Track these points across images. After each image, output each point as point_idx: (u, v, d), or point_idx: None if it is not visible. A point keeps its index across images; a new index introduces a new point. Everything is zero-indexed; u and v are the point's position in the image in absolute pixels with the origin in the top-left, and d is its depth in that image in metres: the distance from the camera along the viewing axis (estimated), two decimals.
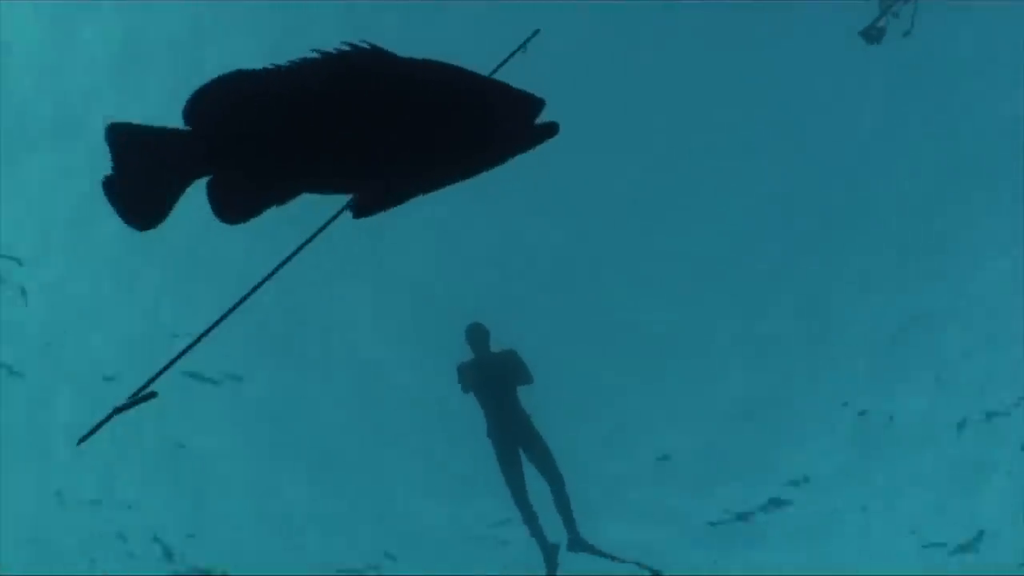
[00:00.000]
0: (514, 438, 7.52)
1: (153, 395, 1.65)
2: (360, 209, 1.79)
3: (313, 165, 1.78)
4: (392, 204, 1.79)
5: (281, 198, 1.79)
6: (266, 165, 1.77)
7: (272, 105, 1.72)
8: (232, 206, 1.77)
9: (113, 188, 1.73)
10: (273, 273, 1.88)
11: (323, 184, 1.81)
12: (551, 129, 1.77)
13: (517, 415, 7.62)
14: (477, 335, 7.88)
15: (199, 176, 1.76)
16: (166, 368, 1.71)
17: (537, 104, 1.76)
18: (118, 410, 1.65)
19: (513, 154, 1.78)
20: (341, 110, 1.73)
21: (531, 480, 7.46)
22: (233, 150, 1.75)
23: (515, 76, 1.95)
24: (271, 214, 1.81)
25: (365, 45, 1.69)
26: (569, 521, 7.15)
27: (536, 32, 2.53)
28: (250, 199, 1.78)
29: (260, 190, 1.78)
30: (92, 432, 1.68)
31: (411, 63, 1.73)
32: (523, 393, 7.75)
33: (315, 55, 1.68)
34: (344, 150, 1.76)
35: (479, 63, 1.96)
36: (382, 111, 1.73)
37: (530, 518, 7.33)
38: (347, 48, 1.68)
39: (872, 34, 8.19)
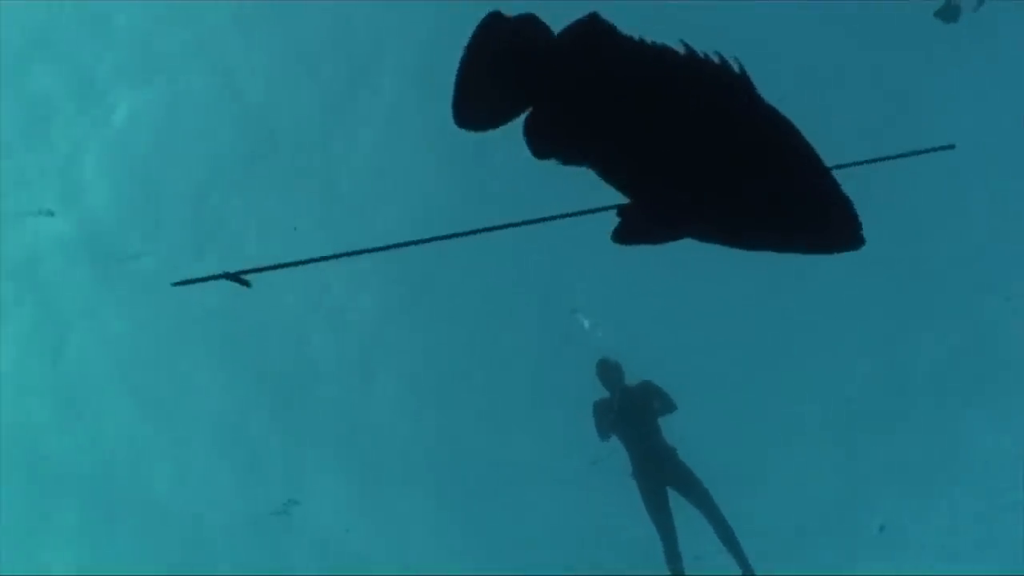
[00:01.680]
0: (663, 476, 7.02)
1: (247, 284, 1.68)
2: (626, 233, 1.70)
3: (632, 144, 1.71)
4: (659, 239, 1.71)
5: (580, 159, 1.73)
6: (589, 122, 1.72)
7: (626, 80, 1.68)
8: (540, 139, 1.71)
9: (463, 72, 1.71)
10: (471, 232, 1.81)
11: (623, 181, 1.73)
12: (856, 240, 1.66)
13: (663, 451, 7.13)
14: (610, 370, 7.48)
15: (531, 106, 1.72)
16: (277, 267, 1.73)
17: (857, 239, 1.67)
18: (224, 276, 1.67)
19: (804, 250, 1.71)
20: (682, 120, 1.68)
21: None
22: (570, 97, 1.70)
23: None
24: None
25: (736, 69, 1.63)
26: (740, 557, 6.54)
27: None
28: (557, 144, 1.72)
29: (571, 142, 1.72)
30: (192, 281, 1.71)
31: (767, 111, 1.65)
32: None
33: (689, 53, 1.63)
34: (664, 159, 1.70)
35: None
36: (714, 130, 1.67)
37: (674, 558, 6.79)
38: (719, 61, 1.63)
39: (948, 13, 7.78)
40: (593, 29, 1.69)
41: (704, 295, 10.78)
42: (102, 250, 10.96)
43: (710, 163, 1.68)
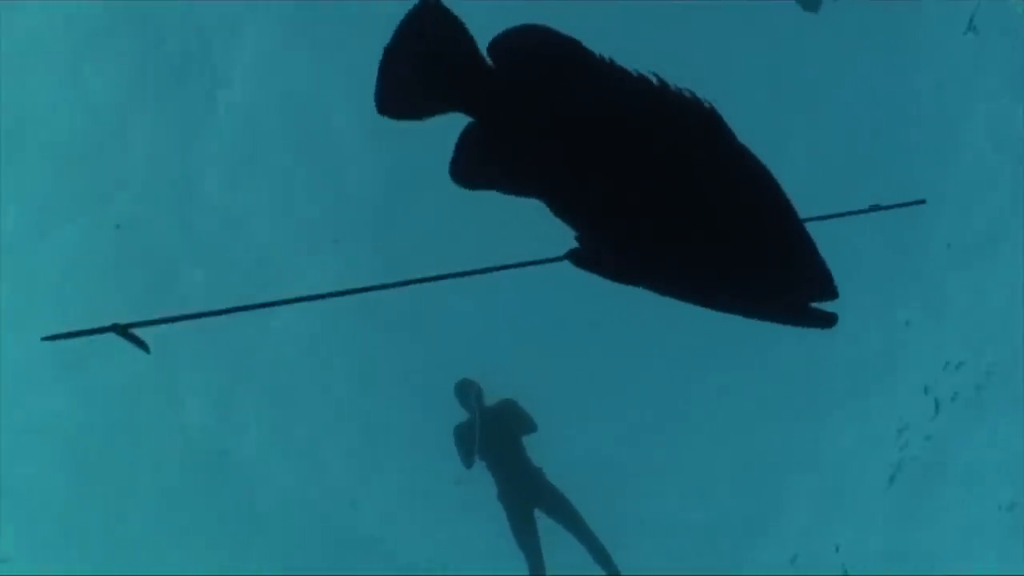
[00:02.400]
0: (529, 498, 6.85)
1: (146, 348, 1.45)
2: (583, 259, 1.54)
3: (580, 179, 1.52)
4: (617, 277, 1.55)
5: (520, 189, 1.55)
6: (532, 147, 1.53)
7: (576, 93, 1.50)
8: (470, 165, 1.54)
9: (388, 58, 1.51)
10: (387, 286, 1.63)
11: (571, 205, 1.55)
12: (828, 320, 1.54)
13: (529, 472, 6.97)
14: (468, 391, 7.23)
15: (463, 111, 1.54)
16: (172, 320, 1.51)
17: (830, 292, 1.53)
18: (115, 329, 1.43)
19: (769, 318, 1.57)
20: (637, 144, 1.50)
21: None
22: (512, 113, 1.52)
23: None
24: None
25: (704, 102, 1.49)
26: (606, 561, 6.50)
27: None
28: (492, 170, 1.54)
29: (508, 168, 1.54)
30: (68, 335, 1.44)
31: (739, 152, 1.50)
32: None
33: (641, 75, 1.48)
34: (617, 187, 1.51)
35: None
36: (676, 175, 1.51)
37: None
38: (684, 91, 1.48)
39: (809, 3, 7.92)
40: (550, 40, 1.50)
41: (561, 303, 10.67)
42: None
43: (670, 207, 1.51)
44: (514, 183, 1.55)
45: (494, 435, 7.00)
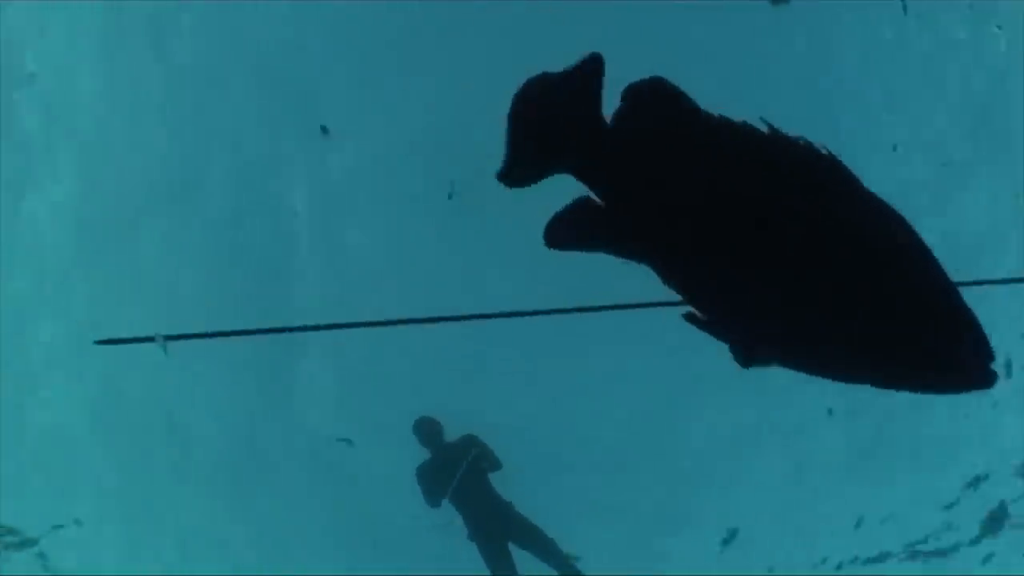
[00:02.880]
0: (502, 533, 6.60)
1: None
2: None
3: (706, 252, 1.39)
4: (751, 358, 1.41)
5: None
6: (650, 216, 1.41)
7: (698, 160, 1.37)
8: (574, 231, 1.44)
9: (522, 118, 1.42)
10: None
11: (693, 279, 1.42)
12: (987, 379, 1.36)
13: (498, 506, 6.71)
14: (428, 429, 6.98)
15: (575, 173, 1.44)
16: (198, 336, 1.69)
17: (988, 354, 1.37)
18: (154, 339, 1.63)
19: (925, 389, 1.42)
20: (765, 217, 1.35)
21: None
22: (630, 180, 1.41)
23: None
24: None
25: (824, 151, 1.36)
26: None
27: None
28: (599, 237, 1.44)
29: (617, 236, 1.43)
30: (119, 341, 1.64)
31: (874, 205, 1.37)
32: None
33: (786, 139, 1.35)
34: (752, 260, 1.36)
35: None
36: (814, 242, 1.35)
37: None
38: (823, 156, 1.35)
39: None
40: (657, 94, 1.39)
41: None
42: None
43: (803, 276, 1.35)
44: (623, 251, 1.44)
45: (456, 471, 6.76)
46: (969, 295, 1.42)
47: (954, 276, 1.40)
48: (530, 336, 9.86)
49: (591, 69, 1.40)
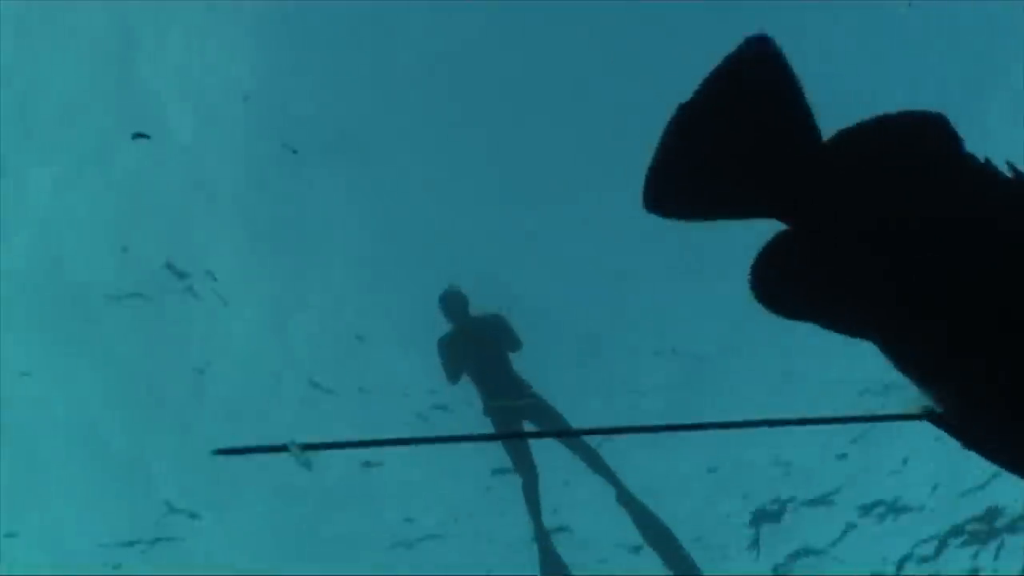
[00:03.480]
0: (517, 411, 6.52)
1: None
2: (944, 421, 1.09)
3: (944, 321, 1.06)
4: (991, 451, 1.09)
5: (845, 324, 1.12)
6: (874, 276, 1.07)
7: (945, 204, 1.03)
8: (778, 287, 1.10)
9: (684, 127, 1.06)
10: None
11: (925, 353, 1.09)
12: None
13: (516, 385, 6.62)
14: (454, 302, 6.85)
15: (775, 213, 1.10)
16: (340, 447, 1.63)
17: None
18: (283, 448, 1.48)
19: None
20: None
21: None
22: (851, 224, 1.06)
23: None
24: None
25: None
26: (611, 477, 6.15)
27: None
28: (808, 295, 1.11)
29: (833, 296, 1.10)
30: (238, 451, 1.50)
31: None
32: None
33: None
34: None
35: None
36: None
37: (532, 498, 6.32)
38: None
39: None
40: (930, 132, 1.02)
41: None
42: None
43: None
44: (839, 316, 1.12)
45: (479, 348, 6.67)
46: None
47: None
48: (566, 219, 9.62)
49: (767, 59, 1.03)
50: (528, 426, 6.57)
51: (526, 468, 6.41)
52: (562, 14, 9.15)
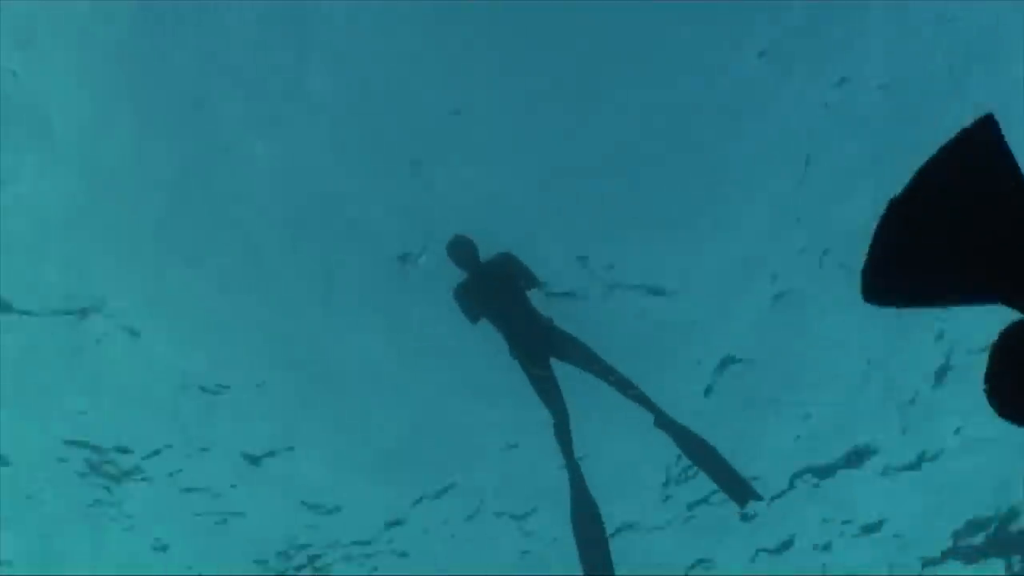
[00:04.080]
0: (543, 349, 6.41)
1: None
2: None
3: None
4: None
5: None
6: None
7: None
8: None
9: None
10: None
11: None
12: None
13: (537, 322, 6.49)
14: (462, 249, 6.69)
15: None
16: None
17: None
18: None
19: None
20: None
21: None
22: None
23: None
24: None
25: None
26: (645, 402, 6.09)
27: None
28: None
29: None
30: None
31: None
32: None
33: None
34: None
35: None
36: None
37: (564, 435, 6.30)
38: None
39: None
40: None
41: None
42: None
43: None
44: None
45: (494, 290, 6.54)
46: None
47: None
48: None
49: (994, 141, 0.95)
50: (558, 361, 6.47)
51: (556, 408, 6.34)
52: None
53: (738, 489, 5.78)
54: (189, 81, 8.65)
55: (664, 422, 5.97)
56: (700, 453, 5.88)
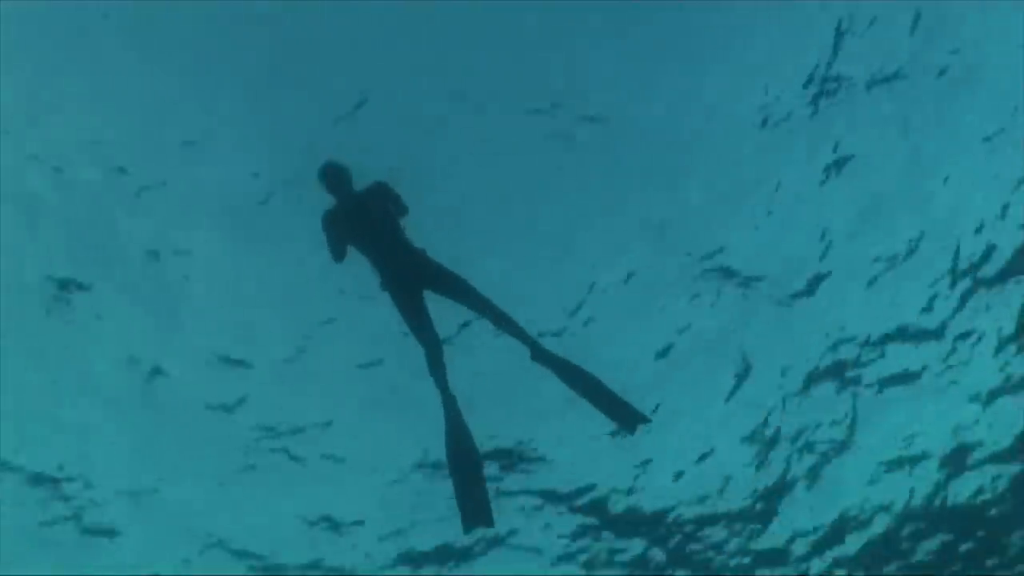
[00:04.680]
0: (415, 280, 6.25)
1: None
2: None
3: None
4: None
5: None
6: None
7: None
8: None
9: None
10: None
11: None
12: None
13: (410, 253, 6.32)
14: (335, 175, 6.39)
15: None
16: None
17: None
18: None
19: None
20: None
21: None
22: None
23: None
24: None
25: None
26: (521, 335, 6.04)
27: None
28: None
29: None
30: None
31: None
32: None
33: None
34: None
35: None
36: None
37: (437, 366, 6.19)
38: None
39: None
40: None
41: None
42: None
43: None
44: None
45: (366, 219, 6.30)
46: None
47: None
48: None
49: None
50: (431, 293, 6.33)
51: (428, 338, 6.22)
52: None
53: (624, 415, 5.84)
54: None
55: (541, 355, 5.96)
56: (582, 383, 5.89)
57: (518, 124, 10.25)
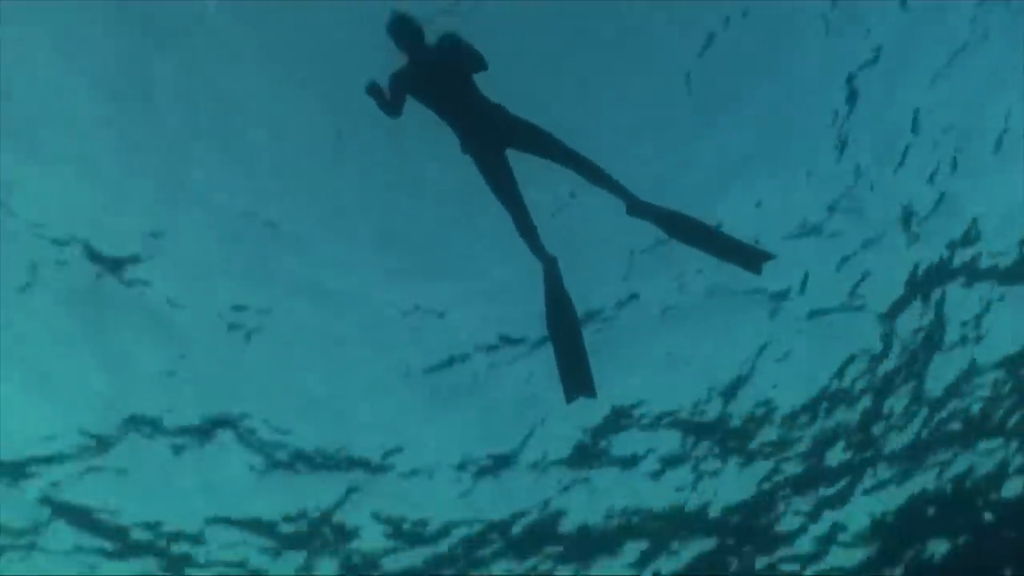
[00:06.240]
0: (497, 138, 5.72)
1: None
2: None
3: None
4: None
5: None
6: None
7: None
8: None
9: None
10: None
11: None
12: None
13: (488, 110, 5.76)
14: (406, 27, 5.78)
15: None
16: None
17: None
18: None
19: None
20: None
21: None
22: None
23: None
24: None
25: None
26: (617, 188, 5.52)
27: None
28: None
29: None
30: None
31: None
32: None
33: None
34: None
35: None
36: None
37: (528, 230, 5.80)
38: None
39: None
40: None
41: None
42: None
43: None
44: None
45: (440, 76, 5.73)
46: None
47: None
48: None
49: None
50: (515, 152, 5.81)
51: (514, 201, 5.76)
52: None
53: (746, 256, 5.30)
54: None
55: (640, 208, 5.41)
56: (690, 231, 5.35)
57: None
